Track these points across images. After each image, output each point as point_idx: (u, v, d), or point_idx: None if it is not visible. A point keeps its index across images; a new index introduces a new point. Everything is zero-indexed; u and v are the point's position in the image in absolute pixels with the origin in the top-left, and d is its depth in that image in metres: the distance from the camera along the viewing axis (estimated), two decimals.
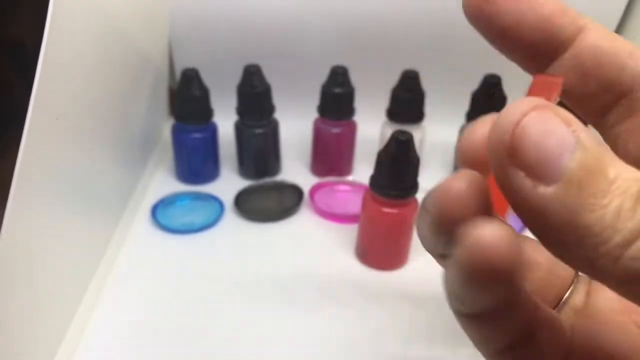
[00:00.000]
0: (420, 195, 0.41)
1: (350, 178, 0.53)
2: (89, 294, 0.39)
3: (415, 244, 0.43)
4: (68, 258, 0.37)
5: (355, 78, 0.51)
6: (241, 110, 0.51)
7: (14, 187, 0.28)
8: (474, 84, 0.52)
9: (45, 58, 0.29)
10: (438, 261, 0.18)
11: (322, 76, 0.51)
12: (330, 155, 0.54)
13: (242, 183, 0.53)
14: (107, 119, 0.43)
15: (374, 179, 0.41)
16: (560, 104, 0.15)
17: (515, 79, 0.54)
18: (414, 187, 0.40)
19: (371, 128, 0.55)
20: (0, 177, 0.30)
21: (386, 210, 0.41)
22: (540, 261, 0.21)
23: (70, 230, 0.37)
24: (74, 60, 0.34)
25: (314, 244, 0.46)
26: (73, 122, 0.35)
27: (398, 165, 0.39)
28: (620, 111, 0.17)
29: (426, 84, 0.51)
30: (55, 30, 0.30)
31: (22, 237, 0.29)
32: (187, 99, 0.49)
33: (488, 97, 0.50)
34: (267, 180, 0.54)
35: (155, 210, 0.48)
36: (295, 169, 0.57)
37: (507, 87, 0.51)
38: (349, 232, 0.47)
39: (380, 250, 0.43)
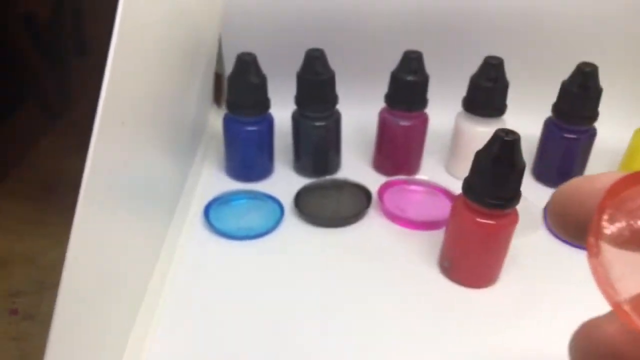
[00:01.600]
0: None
1: (423, 177, 0.48)
2: (146, 304, 0.35)
3: (509, 259, 0.38)
4: (122, 263, 0.32)
5: (428, 63, 0.45)
6: (300, 100, 0.46)
7: (83, 191, 0.23)
8: (564, 73, 0.45)
9: (114, 61, 0.24)
10: None
11: (390, 62, 0.46)
12: (398, 151, 0.49)
13: (298, 180, 0.48)
14: (162, 109, 0.37)
15: (469, 183, 0.35)
16: None
17: (612, 67, 0.48)
18: (516, 196, 0.35)
19: (442, 119, 0.49)
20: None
21: (482, 220, 0.35)
22: None
23: (124, 231, 0.32)
24: (142, 60, 0.30)
25: (389, 253, 0.41)
26: (135, 120, 0.30)
27: (500, 170, 0.34)
28: None
29: (509, 73, 0.45)
30: (125, 33, 0.25)
31: (91, 241, 0.25)
32: (243, 87, 0.44)
33: (583, 88, 0.44)
34: (327, 178, 0.48)
35: (208, 210, 0.43)
36: (356, 165, 0.51)
37: (604, 77, 0.44)
38: (427, 241, 0.42)
39: (471, 265, 0.38)
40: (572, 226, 0.17)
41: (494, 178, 0.34)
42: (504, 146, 0.33)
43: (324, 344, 0.34)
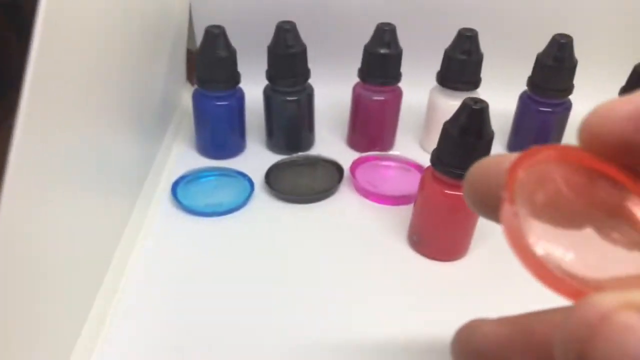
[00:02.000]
0: None
1: (395, 152, 0.47)
2: (108, 280, 0.34)
3: (478, 233, 0.37)
4: (82, 240, 0.31)
5: (401, 37, 0.44)
6: (272, 75, 0.45)
7: (12, 165, 0.22)
8: (540, 45, 0.45)
9: (47, 14, 0.23)
10: None
11: (363, 36, 0.45)
12: (372, 126, 0.48)
13: (270, 157, 0.47)
14: (120, 82, 0.36)
15: (437, 155, 0.35)
16: None
17: (585, 39, 0.47)
18: None
19: (416, 95, 0.49)
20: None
21: (450, 192, 0.35)
22: None
23: (83, 208, 0.31)
24: (82, 16, 0.28)
25: (359, 228, 0.40)
26: (80, 87, 0.29)
27: (468, 139, 0.33)
28: None
29: (484, 46, 0.44)
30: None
31: (23, 217, 0.24)
32: (212, 61, 0.43)
33: (557, 60, 0.44)
34: (300, 154, 0.47)
35: (175, 188, 0.42)
36: (330, 142, 0.50)
37: (579, 49, 0.44)
38: (398, 216, 0.41)
39: (439, 238, 0.37)
40: (483, 204, 0.17)
41: (462, 148, 0.33)
42: (472, 115, 0.32)
43: (292, 318, 0.33)
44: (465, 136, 0.33)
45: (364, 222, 0.41)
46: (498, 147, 0.50)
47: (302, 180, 0.45)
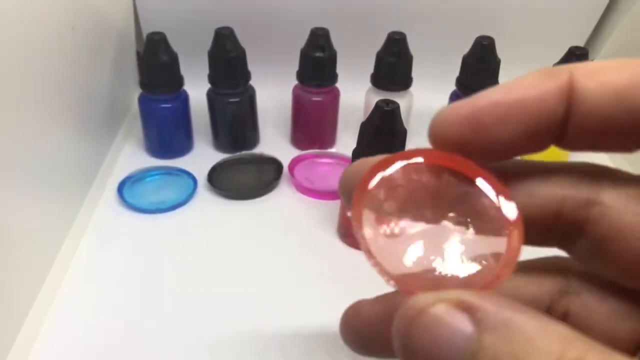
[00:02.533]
0: None
1: (333, 150, 0.50)
2: (51, 277, 0.36)
3: None
4: (27, 238, 0.33)
5: (337, 41, 0.47)
6: (213, 78, 0.47)
7: None
8: (465, 47, 0.48)
9: None
10: None
11: (301, 39, 0.47)
12: (312, 126, 0.51)
13: (217, 156, 0.49)
14: (65, 90, 0.38)
15: (356, 152, 0.37)
16: None
17: (508, 41, 0.50)
18: None
19: (355, 96, 0.51)
20: None
21: None
22: None
23: (28, 208, 0.33)
24: (19, 27, 0.30)
25: (294, 222, 0.43)
26: (26, 93, 0.31)
27: (382, 138, 0.36)
28: None
29: (414, 47, 0.47)
30: None
31: None
32: (154, 65, 0.45)
33: (480, 61, 0.47)
34: (244, 153, 0.50)
35: (122, 187, 0.45)
36: (274, 141, 0.53)
37: (501, 50, 0.47)
38: (331, 209, 0.44)
39: None
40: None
41: (376, 146, 0.36)
42: (385, 116, 0.35)
43: (229, 308, 0.36)
44: (379, 135, 0.36)
45: (299, 217, 0.44)
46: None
47: (244, 177, 0.47)
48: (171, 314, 0.35)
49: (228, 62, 0.46)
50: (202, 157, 0.50)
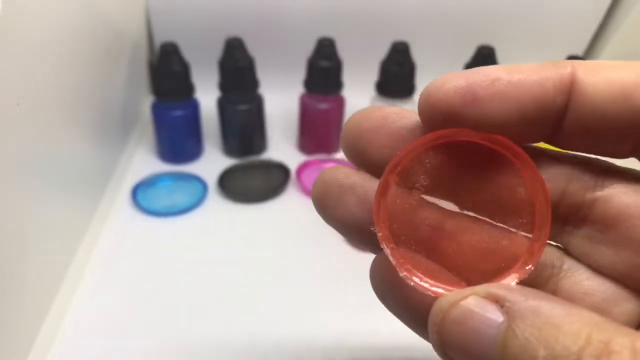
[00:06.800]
0: None
1: (338, 155, 0.51)
2: (68, 280, 0.38)
3: None
4: (45, 241, 0.35)
5: (342, 50, 0.49)
6: (223, 86, 0.49)
7: None
8: (467, 55, 0.49)
9: (1, 28, 0.27)
10: None
11: (308, 49, 0.49)
12: (318, 132, 0.52)
13: (226, 162, 0.51)
14: (81, 98, 0.40)
15: None
16: None
17: (509, 49, 0.52)
18: None
19: (360, 103, 0.53)
20: None
21: None
22: None
23: (46, 213, 0.35)
24: (36, 38, 0.32)
25: (301, 224, 0.45)
26: (40, 105, 0.33)
27: None
28: None
29: (417, 56, 0.49)
30: (10, 6, 0.27)
31: None
32: (167, 74, 0.47)
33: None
34: (253, 158, 0.52)
35: (135, 191, 0.46)
36: (282, 146, 0.55)
37: (501, 58, 0.48)
38: None
39: None
40: (356, 155, 0.18)
41: None
42: None
43: (237, 309, 0.37)
44: None
45: (306, 219, 0.45)
46: None
47: (253, 182, 0.49)
48: (185, 314, 0.37)
49: (237, 71, 0.48)
50: (212, 162, 0.52)
